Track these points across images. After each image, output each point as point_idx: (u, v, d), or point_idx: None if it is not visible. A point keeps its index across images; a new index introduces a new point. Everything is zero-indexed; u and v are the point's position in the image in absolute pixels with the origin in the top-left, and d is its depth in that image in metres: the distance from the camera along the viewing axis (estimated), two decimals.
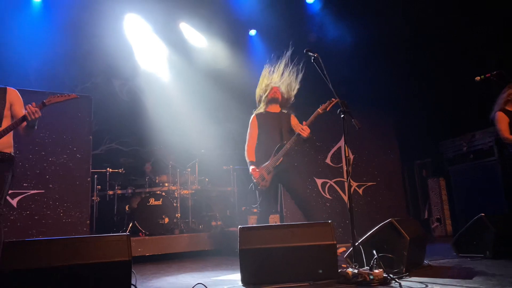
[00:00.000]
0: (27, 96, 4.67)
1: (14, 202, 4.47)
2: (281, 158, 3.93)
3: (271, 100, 4.21)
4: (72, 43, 5.90)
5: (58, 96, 2.96)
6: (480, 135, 5.60)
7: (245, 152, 4.19)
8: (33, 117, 2.80)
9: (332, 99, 3.85)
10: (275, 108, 4.24)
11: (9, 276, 2.53)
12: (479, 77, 4.05)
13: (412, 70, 6.44)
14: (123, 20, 6.36)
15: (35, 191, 4.61)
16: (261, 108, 4.28)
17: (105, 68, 6.31)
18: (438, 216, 6.18)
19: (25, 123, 2.86)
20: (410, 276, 2.94)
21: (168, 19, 6.47)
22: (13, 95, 3.01)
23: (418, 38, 6.22)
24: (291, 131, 4.16)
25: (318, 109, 3.92)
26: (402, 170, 6.42)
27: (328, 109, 3.93)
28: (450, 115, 6.05)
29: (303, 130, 3.90)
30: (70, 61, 6.00)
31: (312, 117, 3.93)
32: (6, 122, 2.88)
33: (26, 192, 4.57)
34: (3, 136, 2.81)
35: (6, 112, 2.91)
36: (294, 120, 4.25)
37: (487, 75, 4.03)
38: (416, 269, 3.22)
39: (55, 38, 5.72)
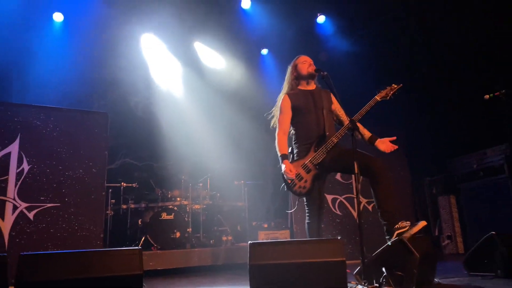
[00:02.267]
0: (46, 112, 4.90)
1: (31, 215, 4.59)
2: (324, 155, 3.31)
3: (306, 76, 3.48)
4: (91, 61, 6.10)
5: None
6: (491, 152, 5.59)
7: (276, 143, 3.46)
8: None
9: (393, 85, 3.39)
10: (310, 86, 3.55)
11: None
12: (488, 96, 4.08)
13: (422, 87, 6.47)
14: (140, 39, 6.58)
15: (52, 205, 4.73)
16: (292, 88, 3.54)
17: (122, 85, 6.49)
18: (449, 234, 6.14)
19: None
20: None
21: (183, 38, 6.66)
22: None
23: (428, 55, 6.28)
24: (333, 113, 3.53)
25: (376, 97, 3.36)
26: (411, 187, 6.41)
27: (389, 97, 3.37)
28: (460, 132, 6.05)
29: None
30: (88, 78, 6.19)
31: (367, 107, 3.35)
32: None
33: (43, 206, 4.69)
34: None
35: None
36: (335, 101, 3.55)
37: (496, 94, 4.06)
38: (426, 287, 3.22)
39: (74, 57, 5.94)
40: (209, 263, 5.07)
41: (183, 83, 7.09)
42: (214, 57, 7.14)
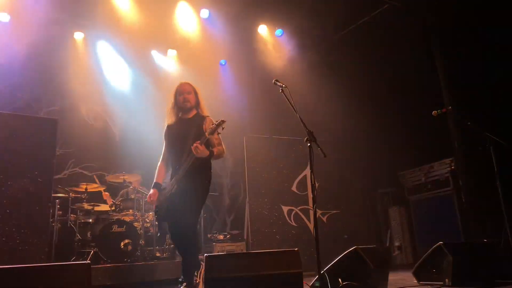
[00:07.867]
0: None
1: None
2: (175, 186, 3.46)
3: (181, 109, 3.67)
4: (41, 65, 5.79)
5: None
6: (437, 166, 5.88)
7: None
8: None
9: (222, 119, 3.38)
10: (189, 114, 3.71)
11: None
12: (436, 112, 4.28)
13: (374, 103, 6.72)
14: (96, 46, 6.36)
15: None
16: (174, 116, 3.72)
17: (74, 91, 6.20)
18: (399, 245, 6.34)
19: None
20: None
21: (139, 46, 6.50)
22: None
23: (379, 73, 6.53)
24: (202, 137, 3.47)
25: (205, 134, 3.41)
26: (364, 198, 6.59)
27: (218, 131, 3.38)
28: (411, 146, 6.31)
29: (197, 148, 3.29)
30: (37, 83, 5.86)
31: (202, 139, 3.38)
32: None
33: None
34: None
35: None
36: (208, 123, 3.57)
37: (443, 110, 4.27)
38: None
39: (21, 59, 5.59)
40: (163, 277, 4.89)
41: (138, 91, 6.88)
42: (172, 66, 7.02)
